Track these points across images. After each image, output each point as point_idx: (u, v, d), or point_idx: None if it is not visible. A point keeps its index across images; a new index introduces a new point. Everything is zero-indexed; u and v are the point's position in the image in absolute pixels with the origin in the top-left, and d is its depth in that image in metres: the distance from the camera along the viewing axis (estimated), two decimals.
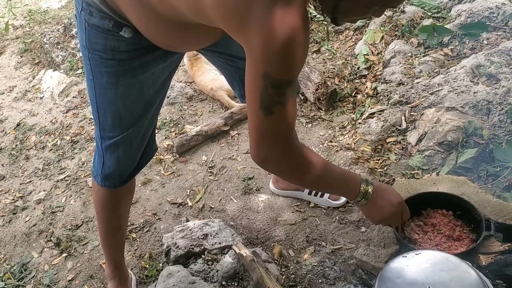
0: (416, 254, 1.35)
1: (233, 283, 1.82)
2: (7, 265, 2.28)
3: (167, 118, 3.06)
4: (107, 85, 1.45)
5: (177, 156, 2.76)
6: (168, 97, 3.18)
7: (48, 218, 2.52)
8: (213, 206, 2.38)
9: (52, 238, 2.37)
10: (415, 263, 1.32)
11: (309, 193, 2.25)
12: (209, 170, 2.62)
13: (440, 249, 1.58)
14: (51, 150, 3.04)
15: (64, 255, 2.28)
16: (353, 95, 2.84)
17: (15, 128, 3.32)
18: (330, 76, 2.96)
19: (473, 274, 1.27)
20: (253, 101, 1.18)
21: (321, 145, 2.59)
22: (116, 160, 1.60)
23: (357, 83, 2.90)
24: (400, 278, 1.29)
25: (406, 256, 1.35)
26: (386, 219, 1.50)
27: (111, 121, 1.52)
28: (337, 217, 2.15)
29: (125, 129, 1.53)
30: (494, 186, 2.03)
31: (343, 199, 2.18)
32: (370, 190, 1.42)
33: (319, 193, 2.22)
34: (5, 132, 3.31)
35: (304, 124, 2.77)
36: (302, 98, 2.90)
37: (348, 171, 1.62)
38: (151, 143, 1.70)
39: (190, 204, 2.42)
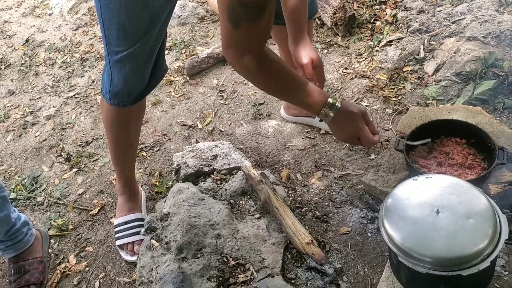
0: (427, 178, 1.34)
1: (241, 201, 1.84)
2: (19, 177, 2.32)
3: (178, 39, 2.98)
4: None
5: (188, 78, 2.72)
6: (179, 17, 3.09)
7: (58, 134, 2.53)
8: (223, 130, 2.37)
9: (62, 154, 2.39)
10: (425, 186, 1.32)
11: (320, 120, 2.22)
12: (219, 94, 2.59)
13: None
14: (60, 67, 3.00)
15: (74, 170, 2.31)
16: (371, 21, 2.74)
17: (24, 44, 3.27)
18: (349, 0, 2.84)
19: (483, 199, 1.26)
20: (222, 12, 1.18)
21: (335, 72, 2.53)
22: (123, 77, 1.56)
23: (377, 9, 2.79)
24: (408, 199, 1.29)
25: (416, 180, 1.35)
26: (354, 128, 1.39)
27: (116, 34, 1.47)
28: (347, 144, 2.13)
29: (131, 44, 1.49)
30: (509, 119, 1.99)
31: None
32: (338, 104, 1.34)
33: None
34: (14, 48, 3.26)
35: (319, 50, 2.69)
36: (318, 22, 2.81)
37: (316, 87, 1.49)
38: (161, 63, 1.66)
39: (200, 126, 2.41)
